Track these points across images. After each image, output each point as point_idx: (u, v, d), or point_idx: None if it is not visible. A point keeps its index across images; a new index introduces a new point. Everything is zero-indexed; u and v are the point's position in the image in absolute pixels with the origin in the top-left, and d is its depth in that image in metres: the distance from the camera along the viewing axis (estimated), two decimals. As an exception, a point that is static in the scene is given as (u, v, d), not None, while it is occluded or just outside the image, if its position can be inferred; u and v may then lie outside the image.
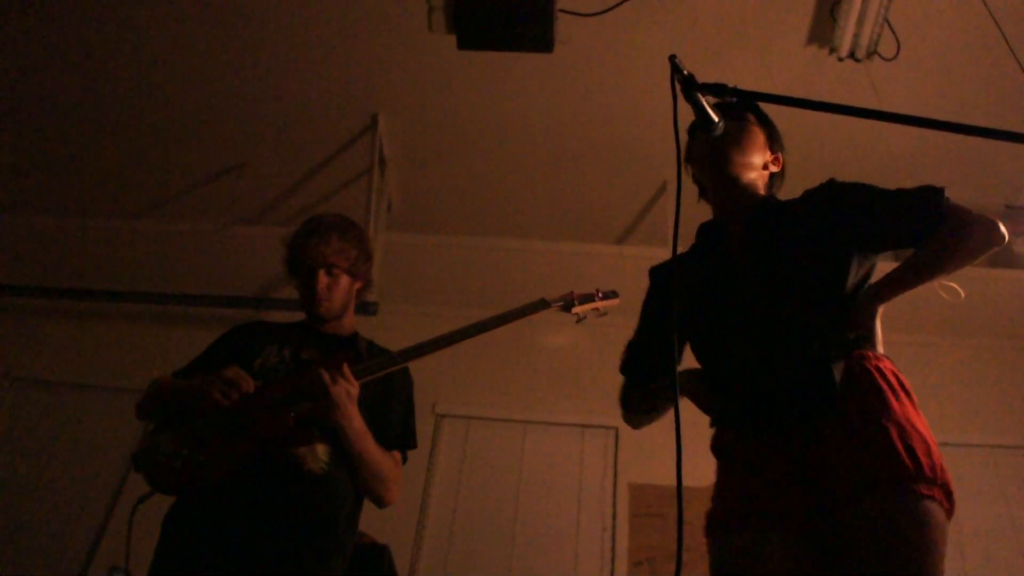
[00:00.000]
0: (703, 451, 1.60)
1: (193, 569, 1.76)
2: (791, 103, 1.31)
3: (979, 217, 1.47)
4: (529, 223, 4.57)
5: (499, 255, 4.65)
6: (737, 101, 1.70)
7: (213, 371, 2.02)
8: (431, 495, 4.25)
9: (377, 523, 2.55)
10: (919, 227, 1.49)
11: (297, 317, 2.28)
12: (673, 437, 1.21)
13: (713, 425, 1.63)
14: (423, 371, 2.22)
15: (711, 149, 1.67)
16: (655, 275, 1.88)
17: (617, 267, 4.23)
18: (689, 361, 1.73)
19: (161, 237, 4.73)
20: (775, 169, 1.77)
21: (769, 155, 1.75)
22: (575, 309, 2.26)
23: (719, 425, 1.61)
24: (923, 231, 1.48)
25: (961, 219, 1.47)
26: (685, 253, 1.76)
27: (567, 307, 2.26)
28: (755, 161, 1.71)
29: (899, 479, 1.29)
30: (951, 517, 1.33)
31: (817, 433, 1.40)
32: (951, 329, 4.57)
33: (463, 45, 3.09)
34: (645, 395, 1.79)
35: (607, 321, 2.29)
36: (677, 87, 1.37)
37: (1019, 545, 3.95)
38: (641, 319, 1.89)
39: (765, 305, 1.55)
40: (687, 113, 1.43)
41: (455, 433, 4.49)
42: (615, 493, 4.24)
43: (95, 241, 4.78)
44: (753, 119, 1.74)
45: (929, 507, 1.29)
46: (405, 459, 2.14)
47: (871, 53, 3.35)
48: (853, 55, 3.38)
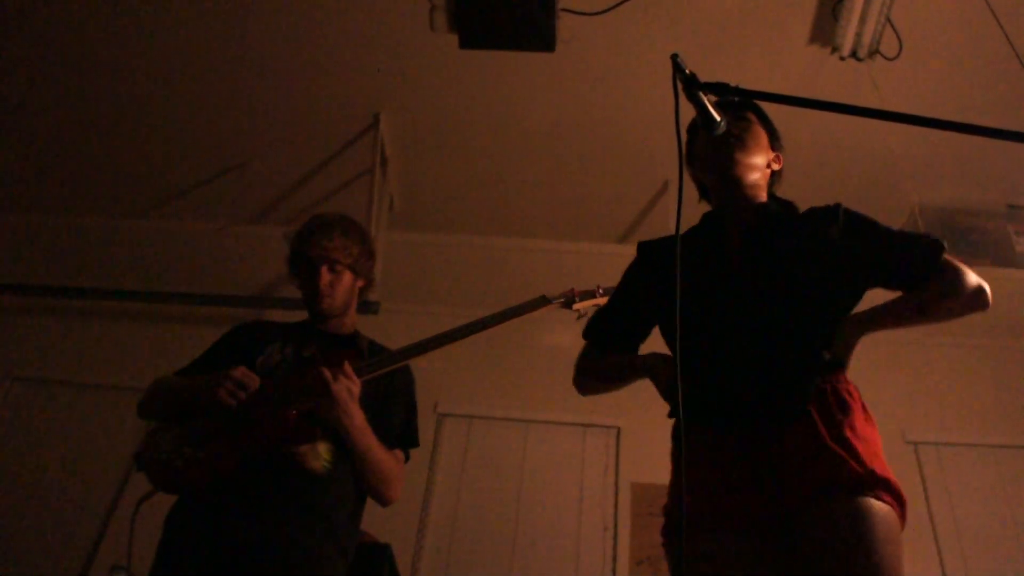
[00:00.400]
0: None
1: (195, 568, 1.77)
2: (793, 102, 1.31)
3: (971, 280, 1.52)
4: (531, 222, 4.57)
5: (501, 254, 4.65)
6: (738, 100, 1.71)
7: (215, 370, 2.02)
8: (433, 494, 4.25)
9: (378, 522, 2.55)
10: (913, 275, 1.55)
11: (299, 317, 2.29)
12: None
13: (672, 415, 1.63)
14: (425, 370, 2.22)
15: (715, 150, 1.68)
16: (644, 250, 1.88)
17: (619, 266, 4.22)
18: (655, 344, 1.74)
19: (163, 236, 4.73)
20: (776, 167, 1.78)
21: (771, 154, 1.76)
22: (576, 306, 2.26)
23: (677, 415, 1.61)
24: (916, 280, 1.54)
25: (954, 278, 1.52)
26: (684, 234, 1.77)
27: (568, 304, 2.26)
28: (759, 161, 1.71)
29: (857, 484, 1.34)
30: (903, 525, 1.37)
31: (781, 439, 1.43)
32: (952, 328, 4.55)
33: (465, 44, 3.09)
34: (603, 365, 1.82)
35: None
36: (679, 86, 1.37)
37: (1021, 544, 3.95)
38: (618, 288, 1.91)
39: (753, 310, 1.56)
40: (689, 112, 1.44)
41: (457, 432, 4.49)
42: (617, 492, 4.24)
43: (97, 240, 4.78)
44: (755, 118, 1.74)
45: (883, 508, 1.33)
46: (407, 457, 2.14)
47: (873, 52, 3.35)
48: (855, 54, 3.38)
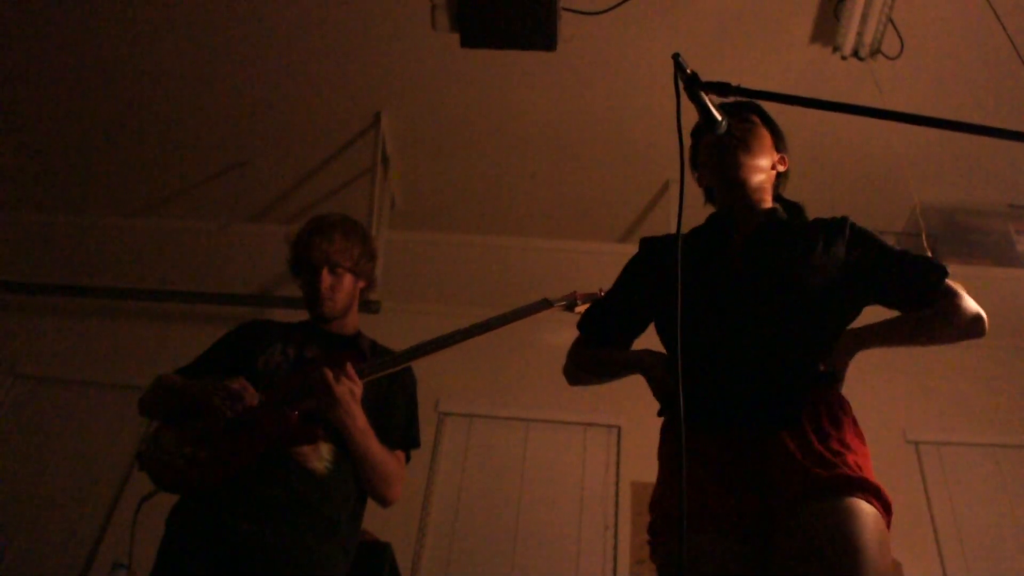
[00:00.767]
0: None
1: (196, 567, 1.77)
2: (795, 102, 1.31)
3: (970, 307, 1.53)
4: (532, 221, 4.57)
5: (502, 253, 4.65)
6: (742, 102, 1.70)
7: (217, 369, 2.03)
8: (433, 493, 4.25)
9: (379, 521, 2.55)
10: (914, 297, 1.56)
11: (300, 315, 2.28)
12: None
13: (662, 413, 1.63)
14: (426, 369, 2.22)
15: (719, 152, 1.68)
16: (646, 246, 1.88)
17: (620, 266, 4.23)
18: (649, 341, 1.74)
19: (164, 234, 4.74)
20: (782, 169, 1.77)
21: (776, 155, 1.75)
22: (578, 308, 2.26)
23: (668, 413, 1.62)
24: (916, 302, 1.56)
25: (954, 303, 1.53)
26: (688, 233, 1.78)
27: (570, 307, 2.26)
28: (763, 163, 1.71)
29: (843, 486, 1.34)
30: (888, 527, 1.37)
31: (771, 445, 1.43)
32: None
33: (466, 43, 3.09)
34: (595, 358, 1.83)
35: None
36: (680, 86, 1.37)
37: (1022, 544, 3.94)
38: (617, 282, 1.90)
39: (752, 316, 1.56)
40: (690, 112, 1.43)
41: (458, 431, 4.49)
42: (617, 491, 4.24)
43: (98, 238, 4.79)
44: (758, 120, 1.74)
45: (870, 510, 1.33)
46: (408, 458, 2.15)
47: (875, 52, 3.35)
48: (857, 54, 3.38)
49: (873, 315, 1.61)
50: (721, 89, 1.36)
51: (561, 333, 4.46)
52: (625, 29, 3.38)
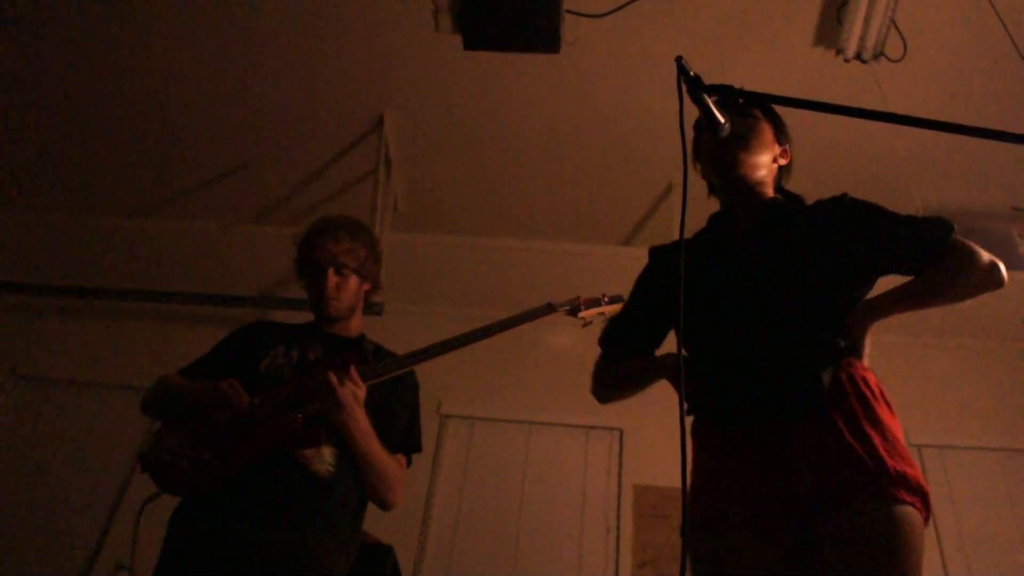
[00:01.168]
0: (707, 453, 1.60)
1: (198, 569, 1.77)
2: (797, 104, 1.31)
3: (983, 257, 1.49)
4: (535, 223, 4.57)
5: (505, 255, 4.65)
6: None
7: (220, 369, 2.02)
8: (435, 495, 4.25)
9: (381, 523, 2.55)
10: (924, 256, 1.53)
11: (302, 317, 2.29)
12: (678, 438, 1.21)
13: (691, 413, 1.63)
14: (428, 372, 2.22)
15: (719, 150, 1.68)
16: (655, 255, 1.88)
17: (623, 268, 4.21)
18: (669, 345, 1.73)
19: (166, 236, 4.74)
20: (783, 162, 1.77)
21: (777, 149, 1.75)
22: (582, 313, 2.25)
23: (698, 413, 1.62)
24: (927, 261, 1.52)
25: (966, 256, 1.50)
26: (692, 238, 1.78)
27: (574, 312, 2.26)
28: (764, 159, 1.71)
29: (880, 486, 1.32)
30: (927, 524, 1.35)
31: (800, 434, 1.42)
32: (958, 331, 4.56)
33: (469, 45, 3.09)
34: (619, 371, 1.81)
35: (612, 323, 2.29)
36: (684, 88, 1.37)
37: (1025, 548, 3.94)
38: (631, 295, 1.90)
39: (764, 303, 1.56)
40: (693, 114, 1.43)
41: (460, 433, 4.49)
42: (620, 494, 4.23)
43: (100, 239, 4.79)
44: (760, 114, 1.74)
45: (908, 513, 1.31)
46: (410, 462, 2.15)
47: (877, 54, 3.34)
48: (859, 56, 3.37)
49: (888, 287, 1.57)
50: (724, 91, 1.36)
51: (563, 337, 4.49)
52: (628, 31, 3.37)
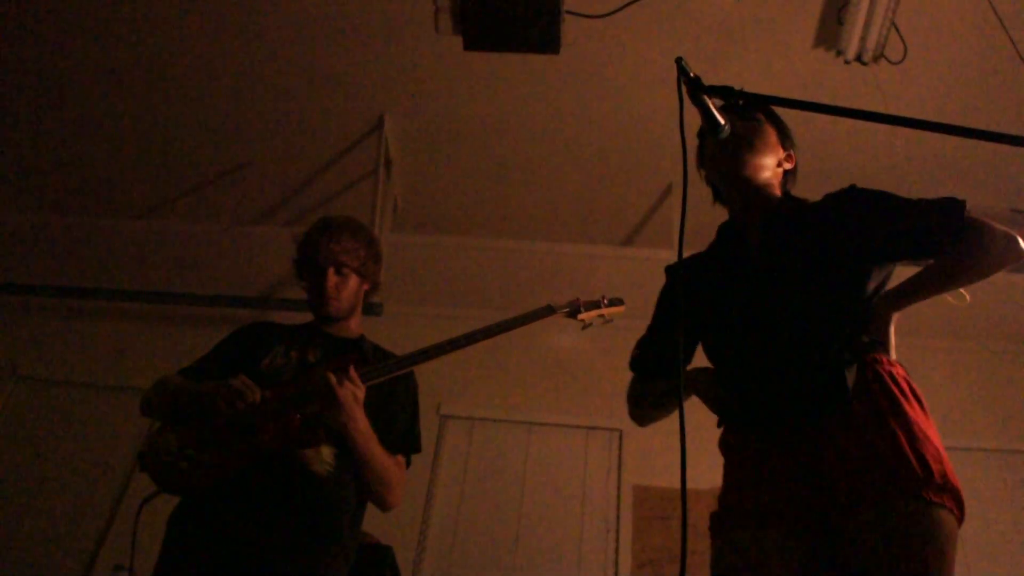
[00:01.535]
0: (707, 454, 1.60)
1: (198, 569, 1.77)
2: (798, 106, 1.31)
3: (1000, 231, 1.46)
4: (535, 224, 4.57)
5: (504, 256, 4.65)
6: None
7: (220, 370, 2.02)
8: (435, 496, 4.25)
9: (381, 524, 2.55)
10: (939, 239, 1.48)
11: (302, 318, 2.29)
12: (677, 439, 1.21)
13: (721, 424, 1.62)
14: (428, 372, 2.22)
15: (723, 151, 1.66)
16: (672, 273, 1.86)
17: (623, 269, 4.23)
18: (699, 360, 1.73)
19: (167, 236, 4.74)
20: (788, 166, 1.75)
21: (782, 152, 1.73)
22: (581, 316, 2.25)
23: (727, 423, 1.60)
24: (943, 243, 1.48)
25: (981, 232, 1.46)
26: (704, 252, 1.78)
27: (573, 313, 2.25)
28: (768, 161, 1.69)
29: (909, 486, 1.29)
30: (961, 524, 1.32)
31: (827, 435, 1.40)
32: (960, 333, 4.56)
33: (469, 46, 3.08)
34: (653, 392, 1.78)
35: (611, 324, 2.30)
36: (684, 89, 1.37)
37: (1023, 549, 3.93)
38: (655, 316, 1.88)
39: (781, 305, 1.54)
40: (694, 115, 1.43)
41: (459, 434, 4.49)
42: (619, 495, 4.23)
43: (101, 240, 4.79)
44: (763, 118, 1.72)
45: (940, 515, 1.28)
46: (409, 463, 2.14)
47: (878, 56, 3.34)
48: (860, 58, 3.38)
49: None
50: (724, 93, 1.35)
51: (563, 338, 4.48)
52: (628, 32, 3.38)
